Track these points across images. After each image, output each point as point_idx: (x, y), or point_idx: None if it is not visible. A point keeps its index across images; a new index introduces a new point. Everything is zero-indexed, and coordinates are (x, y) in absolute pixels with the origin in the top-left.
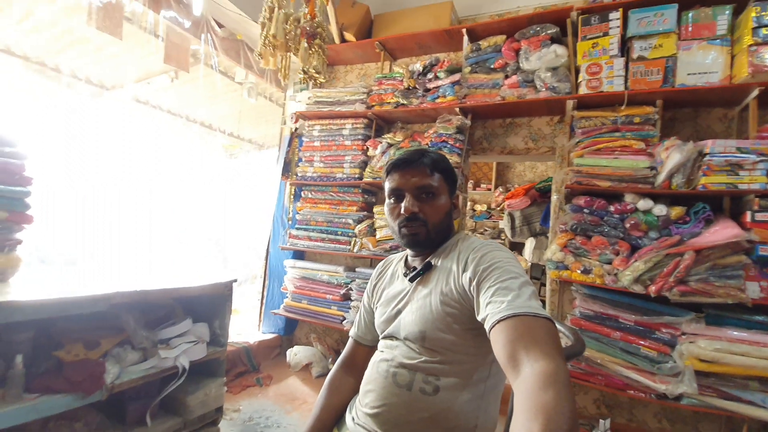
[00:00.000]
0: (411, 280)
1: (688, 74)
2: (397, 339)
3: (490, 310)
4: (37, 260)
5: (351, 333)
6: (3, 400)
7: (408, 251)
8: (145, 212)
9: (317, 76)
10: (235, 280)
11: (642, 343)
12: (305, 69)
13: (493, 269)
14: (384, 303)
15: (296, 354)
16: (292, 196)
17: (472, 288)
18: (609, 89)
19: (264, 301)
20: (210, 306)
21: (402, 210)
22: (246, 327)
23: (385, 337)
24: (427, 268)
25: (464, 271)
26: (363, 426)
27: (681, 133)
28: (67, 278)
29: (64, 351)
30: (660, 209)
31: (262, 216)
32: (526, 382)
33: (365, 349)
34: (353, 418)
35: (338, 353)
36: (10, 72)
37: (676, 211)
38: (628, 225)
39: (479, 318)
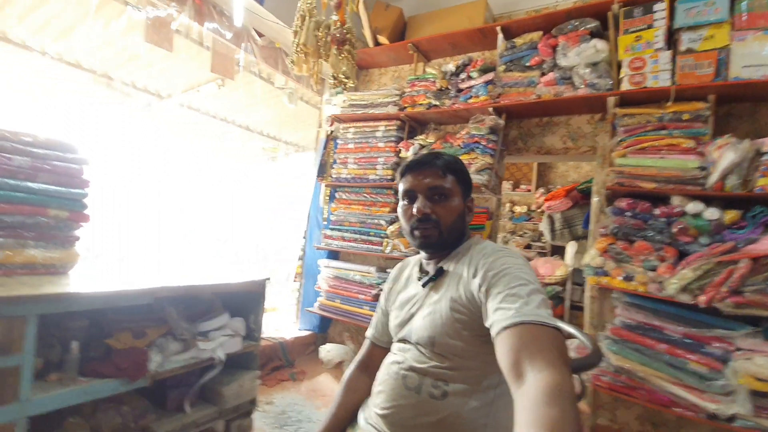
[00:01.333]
0: (423, 285)
1: (744, 66)
2: (409, 343)
3: (496, 317)
4: (93, 256)
5: (367, 334)
6: (60, 382)
7: (422, 254)
8: (190, 211)
9: (346, 81)
10: (269, 279)
11: (690, 357)
12: (335, 75)
13: (503, 275)
14: (398, 307)
15: (329, 351)
16: (327, 197)
17: (480, 294)
18: (654, 84)
19: (300, 299)
20: (246, 302)
21: (414, 211)
22: (283, 323)
23: (398, 341)
24: (440, 274)
25: (474, 276)
26: (374, 426)
27: (738, 130)
28: (117, 273)
29: (114, 339)
30: (712, 213)
31: (299, 216)
32: (530, 393)
33: (381, 350)
34: (365, 418)
35: None
36: (81, 84)
37: (731, 216)
38: (675, 229)
39: (486, 324)
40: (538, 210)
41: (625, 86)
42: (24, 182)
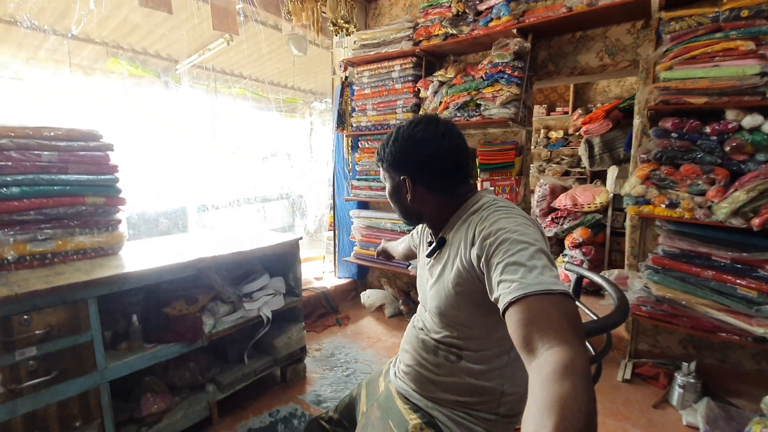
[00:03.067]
0: (428, 255)
1: None
2: (425, 308)
3: (500, 290)
4: (143, 233)
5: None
6: (130, 350)
7: None
8: (223, 174)
9: (347, 26)
10: (301, 238)
11: (739, 282)
12: (333, 20)
13: (500, 242)
14: (419, 267)
15: (369, 297)
16: (349, 148)
17: (481, 265)
18: None
19: (336, 249)
20: (283, 262)
21: None
22: (322, 272)
23: (419, 302)
24: (441, 244)
25: (472, 245)
26: (402, 380)
27: None
28: (163, 246)
29: (170, 307)
30: None
31: (326, 168)
32: (541, 370)
33: (402, 252)
34: (395, 372)
35: (408, 295)
36: (96, 58)
37: None
38: (728, 148)
39: (492, 299)
40: (576, 133)
41: None
42: (57, 175)
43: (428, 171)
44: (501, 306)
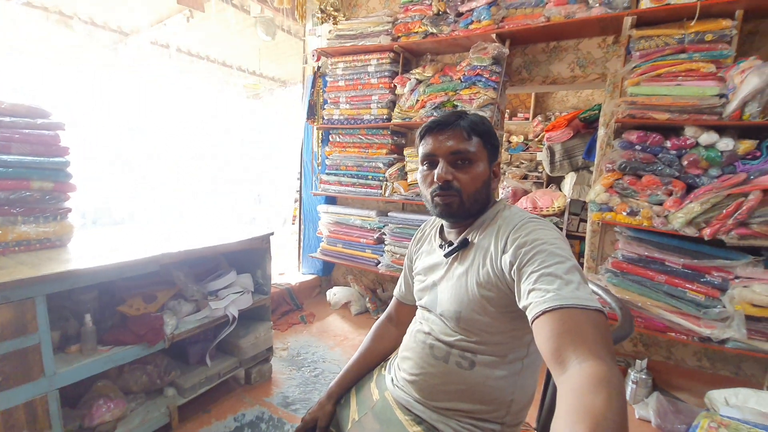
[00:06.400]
0: (446, 255)
1: None
2: (432, 313)
3: (533, 298)
4: (90, 222)
5: (395, 292)
6: (81, 353)
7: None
8: (177, 162)
9: (336, 14)
10: (272, 233)
11: (689, 286)
12: (322, 7)
13: (537, 252)
14: (421, 272)
15: (335, 294)
16: (320, 141)
17: (512, 272)
18: (678, 1)
19: (301, 244)
20: (251, 258)
21: (435, 177)
22: (286, 267)
23: (422, 307)
24: (463, 245)
25: (504, 252)
26: (402, 389)
27: (762, 50)
28: (119, 239)
29: (127, 305)
30: (725, 143)
31: (291, 159)
32: (574, 381)
33: (407, 307)
34: (392, 380)
35: (374, 292)
36: (34, 25)
37: (745, 146)
38: (685, 162)
39: (521, 306)
40: (536, 139)
41: (645, 3)
42: None
43: (498, 165)
44: (531, 314)
